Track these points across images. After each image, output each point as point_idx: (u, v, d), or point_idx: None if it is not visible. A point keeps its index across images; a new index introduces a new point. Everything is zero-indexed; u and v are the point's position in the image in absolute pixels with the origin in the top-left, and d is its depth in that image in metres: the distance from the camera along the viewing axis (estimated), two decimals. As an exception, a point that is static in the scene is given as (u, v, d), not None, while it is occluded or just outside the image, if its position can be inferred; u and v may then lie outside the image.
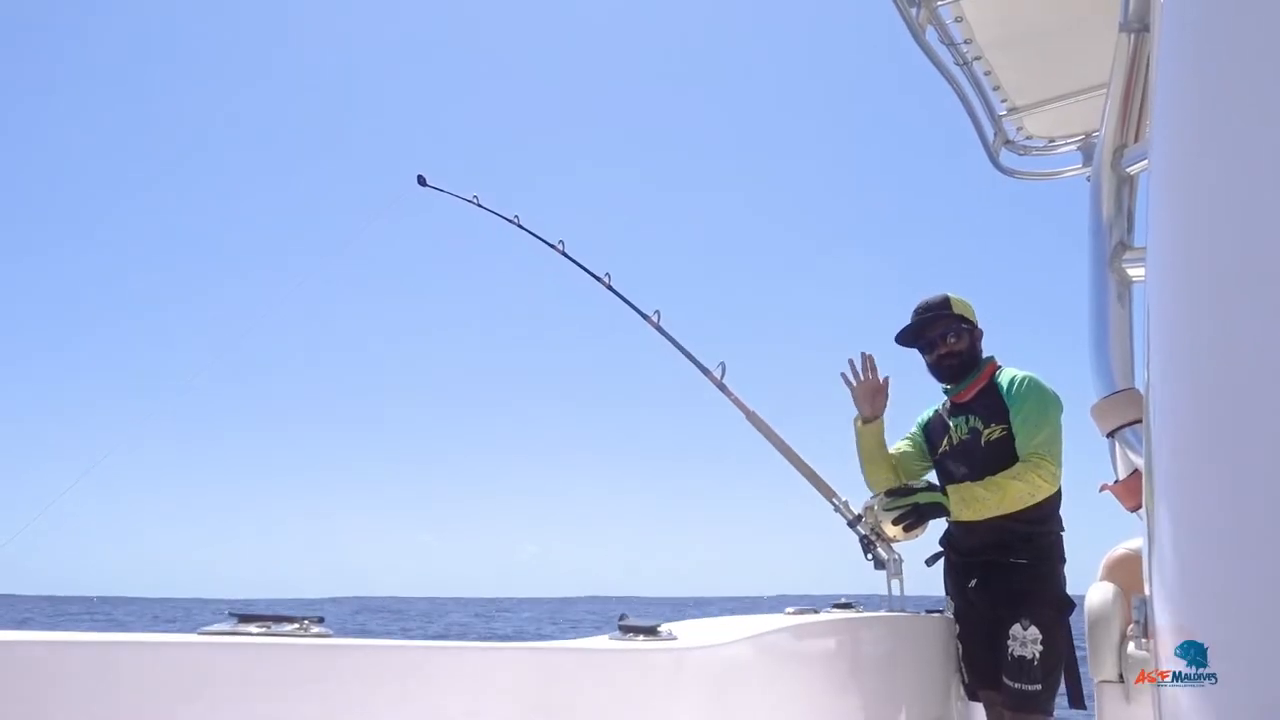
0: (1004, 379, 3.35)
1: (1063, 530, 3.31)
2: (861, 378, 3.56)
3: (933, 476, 3.55)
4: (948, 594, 3.52)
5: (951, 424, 3.44)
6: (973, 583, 3.35)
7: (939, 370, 3.45)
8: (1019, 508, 3.11)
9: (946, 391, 3.50)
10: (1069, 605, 3.21)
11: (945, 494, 3.18)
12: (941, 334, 3.40)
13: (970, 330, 3.42)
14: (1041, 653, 3.11)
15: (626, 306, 4.26)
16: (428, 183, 4.86)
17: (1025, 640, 3.13)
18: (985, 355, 3.46)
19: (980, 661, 3.33)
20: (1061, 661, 3.19)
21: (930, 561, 3.53)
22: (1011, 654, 3.13)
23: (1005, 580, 3.25)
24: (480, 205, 4.76)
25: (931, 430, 3.57)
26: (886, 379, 3.55)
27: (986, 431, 3.28)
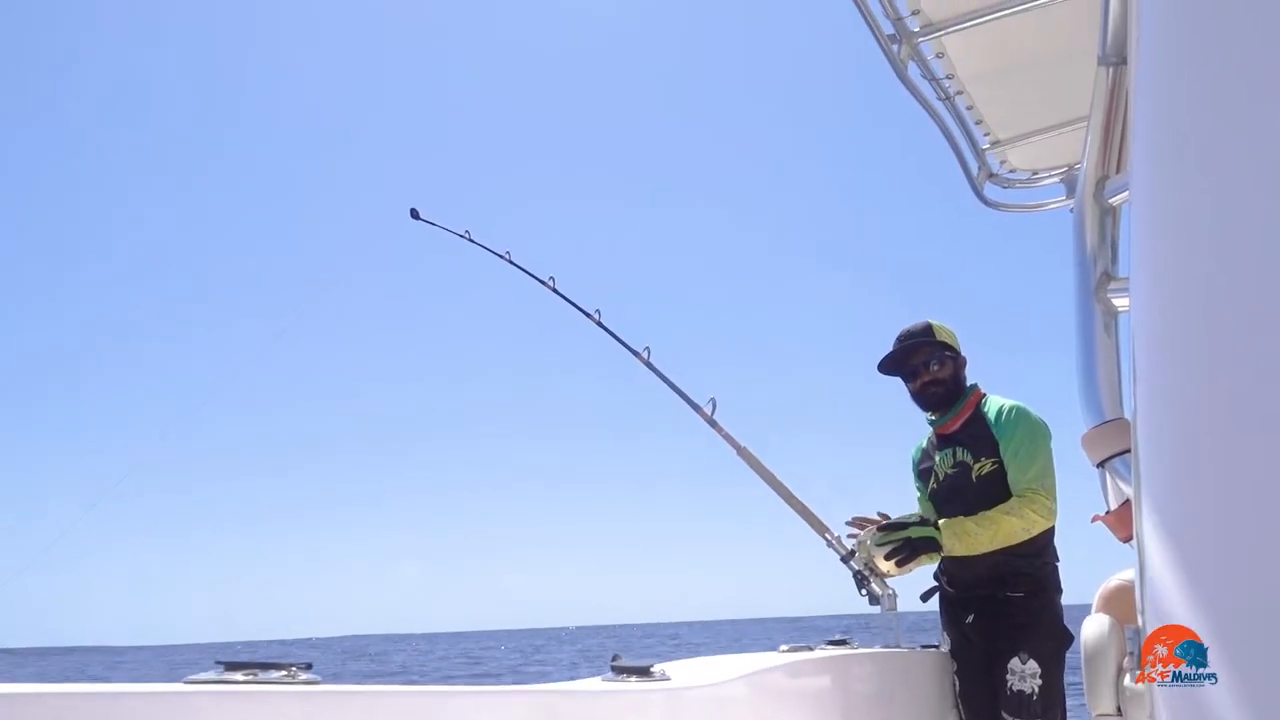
0: (990, 408, 3.31)
1: (1057, 561, 3.29)
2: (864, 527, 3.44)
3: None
4: (943, 629, 3.50)
5: (937, 458, 3.41)
6: (969, 618, 3.32)
7: (922, 398, 3.42)
8: (1012, 543, 3.09)
9: (931, 422, 3.48)
10: (1067, 638, 3.17)
11: (937, 528, 3.16)
12: (924, 362, 3.38)
13: (954, 358, 3.39)
14: (1041, 687, 3.08)
15: (617, 343, 4.28)
16: (420, 216, 4.87)
17: (1024, 675, 3.10)
18: (970, 383, 3.44)
19: (978, 697, 3.30)
20: (1061, 696, 3.16)
21: (925, 597, 3.51)
22: (1010, 689, 3.10)
23: (1002, 614, 3.22)
24: (472, 240, 4.78)
25: (922, 471, 3.55)
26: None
27: (977, 466, 3.25)
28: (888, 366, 3.46)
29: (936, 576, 3.48)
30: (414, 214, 4.87)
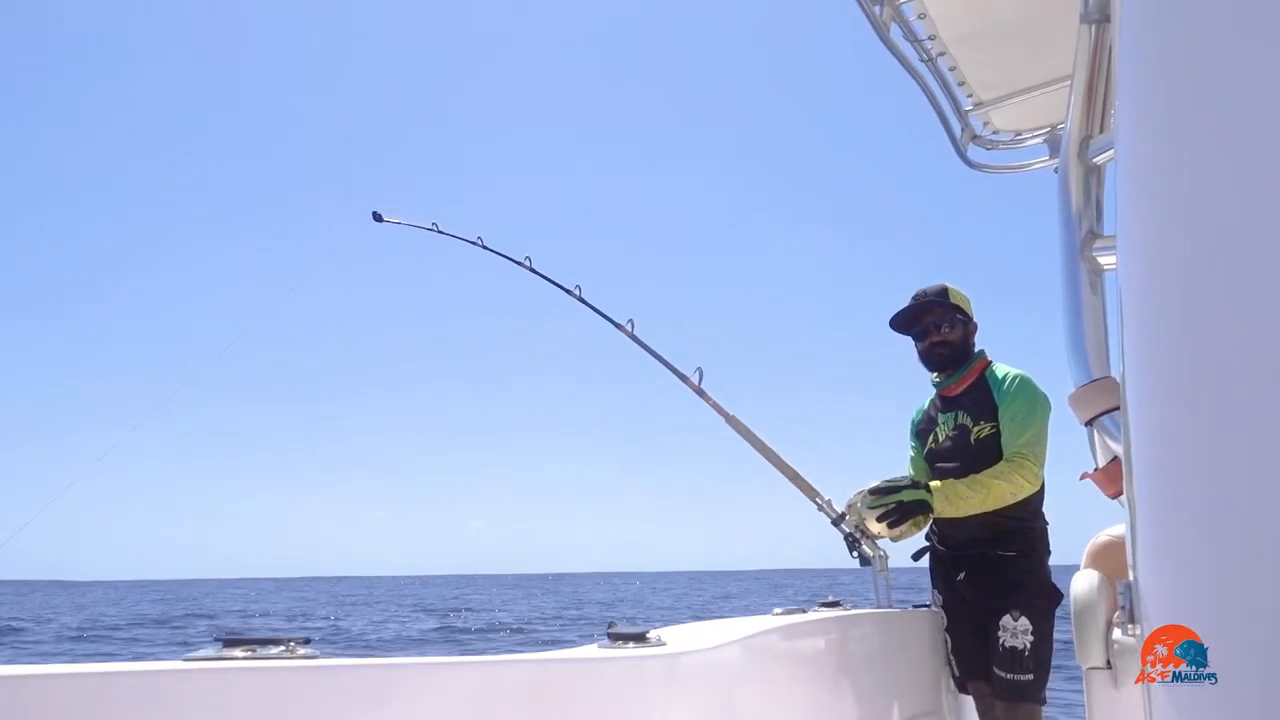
0: (995, 375, 3.36)
1: (1047, 524, 3.34)
2: None
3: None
4: (934, 588, 3.53)
5: (940, 420, 3.45)
6: (961, 575, 3.37)
7: (928, 358, 3.47)
8: (1000, 506, 3.14)
9: (936, 384, 3.52)
10: (1057, 596, 3.23)
11: (929, 491, 3.19)
12: (935, 323, 3.43)
13: (965, 322, 3.44)
14: (1032, 643, 3.13)
15: (599, 318, 4.27)
16: (383, 218, 4.85)
17: (1016, 631, 3.15)
18: (978, 350, 3.48)
19: (970, 654, 3.34)
20: (1051, 651, 3.21)
21: (917, 556, 3.55)
22: (1002, 645, 3.15)
23: (994, 572, 3.27)
24: (440, 231, 4.76)
25: (920, 431, 3.59)
26: None
27: (976, 429, 3.30)
28: (899, 324, 3.52)
29: (928, 536, 3.52)
30: (376, 217, 4.86)
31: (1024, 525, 3.27)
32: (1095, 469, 2.63)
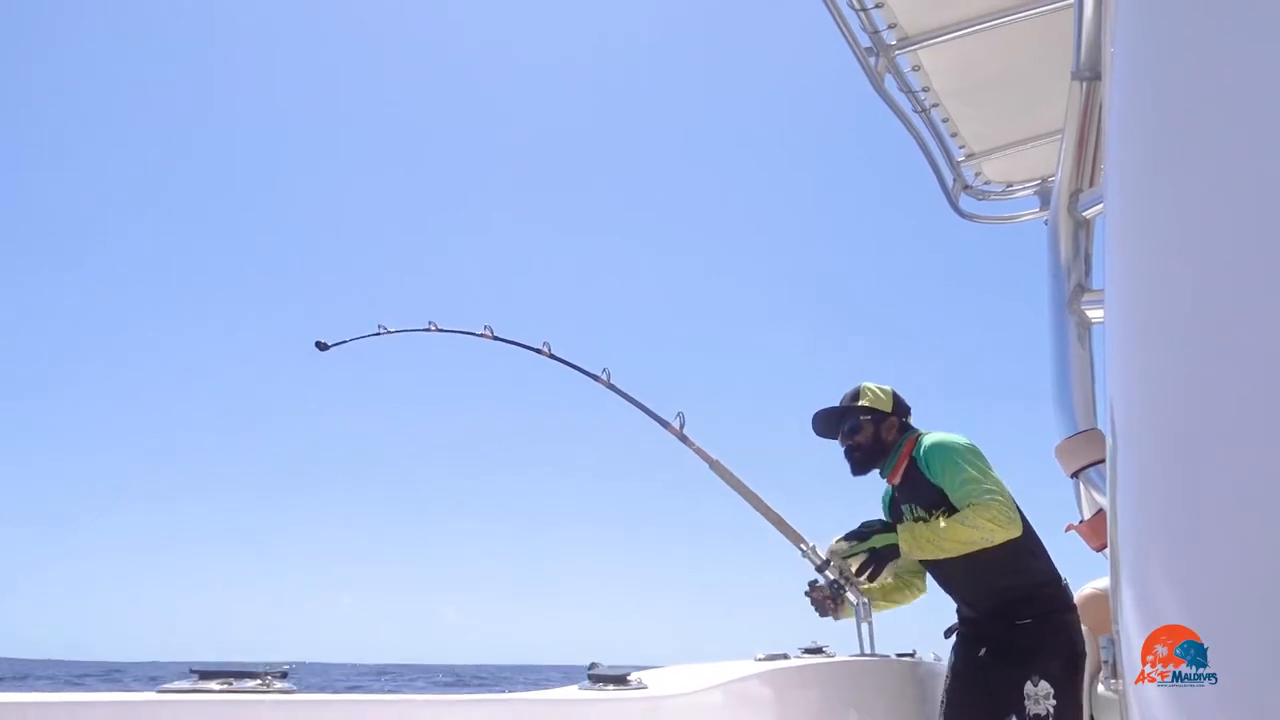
0: (919, 455, 3.30)
1: (1062, 581, 3.26)
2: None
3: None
4: (951, 666, 3.42)
5: (905, 509, 3.38)
6: (982, 651, 3.29)
7: (847, 462, 3.46)
8: (972, 550, 3.02)
9: (882, 475, 3.48)
10: (1077, 655, 3.16)
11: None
12: (845, 428, 3.43)
13: (874, 419, 3.40)
14: (1055, 707, 3.04)
15: (572, 373, 4.24)
16: (328, 345, 4.86)
17: (1038, 697, 3.06)
18: (911, 431, 3.42)
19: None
20: (1079, 711, 3.11)
21: (949, 633, 3.47)
22: (1028, 713, 3.07)
23: (1013, 643, 3.18)
24: (389, 332, 4.78)
25: (892, 513, 3.52)
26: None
27: (934, 518, 3.22)
28: (820, 432, 3.51)
29: (957, 611, 3.45)
30: (321, 346, 4.87)
31: (1033, 593, 3.20)
32: (1081, 521, 2.62)
